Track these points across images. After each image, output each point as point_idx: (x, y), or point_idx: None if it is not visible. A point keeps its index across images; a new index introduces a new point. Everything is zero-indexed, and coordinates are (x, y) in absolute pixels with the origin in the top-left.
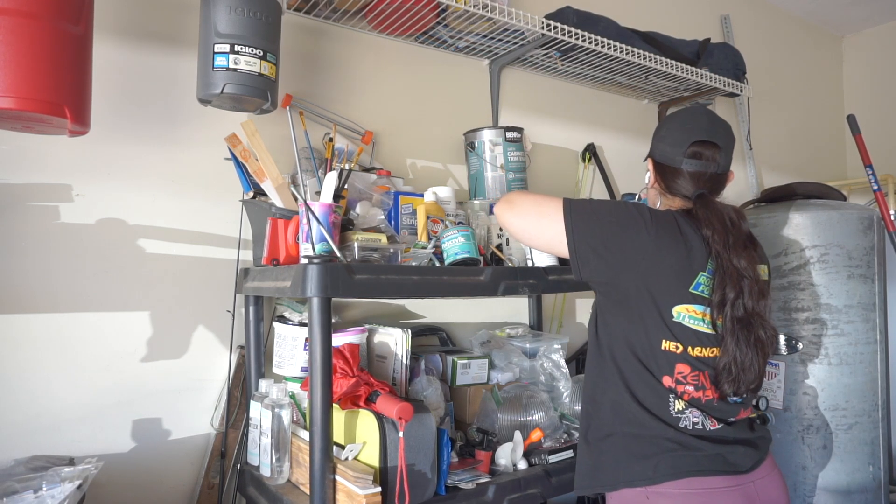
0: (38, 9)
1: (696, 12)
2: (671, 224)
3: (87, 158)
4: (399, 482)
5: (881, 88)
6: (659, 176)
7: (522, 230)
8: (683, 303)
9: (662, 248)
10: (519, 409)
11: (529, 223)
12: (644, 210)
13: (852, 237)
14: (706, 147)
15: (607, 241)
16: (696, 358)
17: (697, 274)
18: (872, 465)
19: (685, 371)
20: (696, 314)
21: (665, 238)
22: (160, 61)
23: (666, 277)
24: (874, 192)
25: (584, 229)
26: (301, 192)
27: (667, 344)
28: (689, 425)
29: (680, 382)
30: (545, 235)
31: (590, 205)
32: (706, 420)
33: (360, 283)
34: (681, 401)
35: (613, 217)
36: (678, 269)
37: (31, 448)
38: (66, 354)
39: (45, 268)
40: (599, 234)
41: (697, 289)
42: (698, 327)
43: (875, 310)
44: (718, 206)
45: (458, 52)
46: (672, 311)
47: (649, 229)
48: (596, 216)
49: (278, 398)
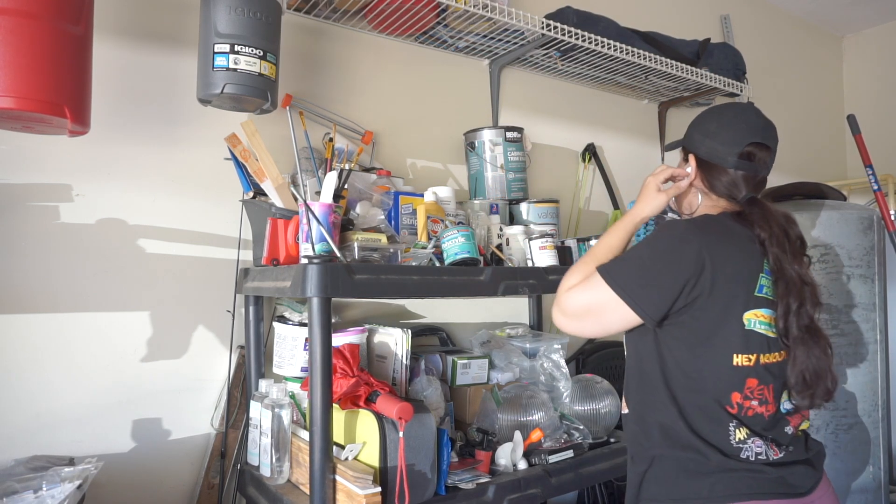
0: (38, 9)
1: (696, 12)
2: (719, 230)
3: (87, 158)
4: (399, 482)
5: (881, 88)
6: (704, 174)
7: (590, 333)
8: (751, 308)
9: (718, 258)
10: (519, 409)
11: (590, 324)
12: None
13: (852, 237)
14: (760, 149)
15: (661, 277)
16: (764, 367)
17: (758, 276)
18: (872, 465)
19: (753, 385)
20: (764, 318)
21: (717, 247)
22: (160, 61)
23: (730, 287)
24: (874, 192)
25: (635, 284)
26: (301, 192)
27: (738, 358)
28: (752, 456)
29: (747, 398)
30: (612, 324)
31: (628, 261)
32: (769, 449)
33: (360, 283)
34: (742, 428)
35: (656, 253)
36: (739, 276)
37: (31, 448)
38: (66, 354)
39: (45, 268)
40: (651, 275)
41: (761, 291)
42: (768, 332)
43: (875, 310)
44: (773, 211)
45: (458, 52)
46: (743, 319)
47: (700, 246)
48: (636, 261)
49: (278, 398)
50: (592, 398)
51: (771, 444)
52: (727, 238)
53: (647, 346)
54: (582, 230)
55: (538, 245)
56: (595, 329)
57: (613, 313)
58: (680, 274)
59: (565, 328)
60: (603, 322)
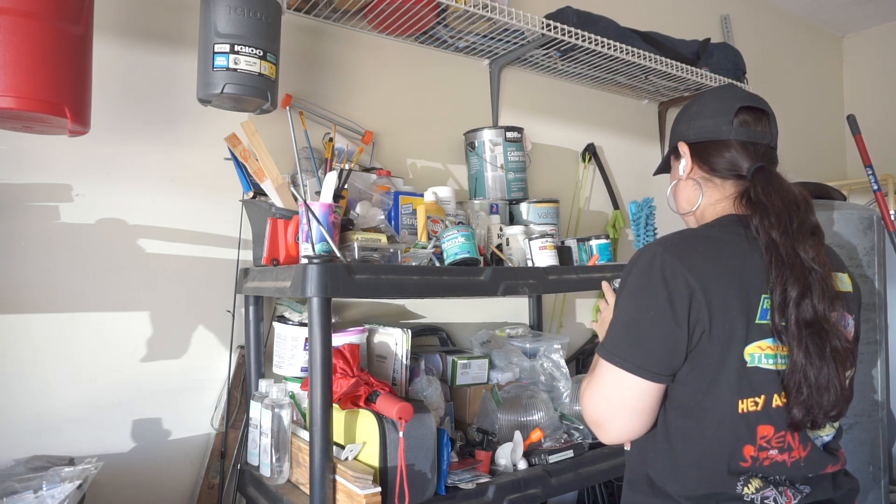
0: (38, 9)
1: (696, 12)
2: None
3: (87, 158)
4: (399, 482)
5: (881, 88)
6: (699, 159)
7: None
8: (752, 340)
9: (708, 286)
10: (519, 409)
11: (625, 417)
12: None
13: (852, 237)
14: (755, 115)
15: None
16: (777, 409)
17: (760, 298)
18: (872, 465)
19: (769, 434)
20: (770, 350)
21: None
22: (160, 61)
23: (726, 318)
24: (874, 192)
25: (628, 346)
26: (301, 192)
27: (744, 404)
28: (758, 500)
29: (763, 449)
30: (636, 400)
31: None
32: (780, 496)
33: (360, 283)
34: (755, 479)
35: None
36: (734, 303)
37: (31, 448)
38: (66, 354)
39: (46, 268)
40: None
41: (765, 317)
42: (777, 366)
43: (875, 310)
44: (783, 182)
45: (458, 52)
46: (744, 355)
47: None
48: (627, 322)
49: (278, 398)
50: None
51: (785, 491)
52: (717, 257)
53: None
54: (582, 230)
55: (538, 245)
56: (633, 420)
57: (635, 392)
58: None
59: (609, 438)
60: (634, 406)
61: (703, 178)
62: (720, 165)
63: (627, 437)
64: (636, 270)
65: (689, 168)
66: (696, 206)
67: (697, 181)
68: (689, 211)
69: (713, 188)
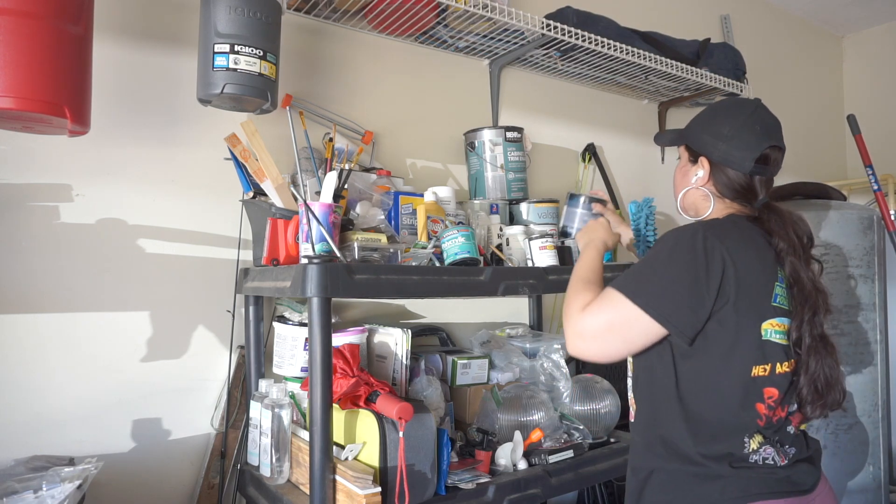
0: (38, 9)
1: (696, 12)
2: (737, 235)
3: (87, 158)
4: (399, 482)
5: (881, 88)
6: (716, 178)
7: (616, 356)
8: (768, 317)
9: (740, 266)
10: (519, 409)
11: (616, 346)
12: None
13: (852, 237)
14: (775, 151)
15: (690, 287)
16: (780, 376)
17: (773, 285)
18: (872, 465)
19: (774, 395)
20: (779, 327)
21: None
22: (160, 61)
23: (750, 296)
24: (874, 192)
25: (654, 293)
26: (301, 192)
27: (757, 369)
28: (760, 461)
29: (771, 408)
30: (637, 342)
31: (642, 270)
32: (777, 455)
33: (360, 283)
34: (756, 437)
35: (675, 262)
36: (758, 285)
37: (31, 448)
38: (67, 354)
39: (46, 268)
40: (674, 286)
41: (776, 300)
42: (782, 341)
43: (875, 310)
44: (788, 216)
45: (458, 52)
46: (761, 329)
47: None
48: (660, 274)
49: (278, 398)
50: (592, 398)
51: (779, 451)
52: (745, 244)
53: (661, 358)
54: None
55: (538, 245)
56: (619, 347)
57: (638, 329)
58: (711, 283)
59: (586, 352)
60: (628, 339)
61: (714, 193)
62: (732, 192)
63: (602, 360)
64: (676, 241)
65: (704, 181)
66: (702, 215)
67: (708, 192)
68: (696, 218)
69: (721, 202)
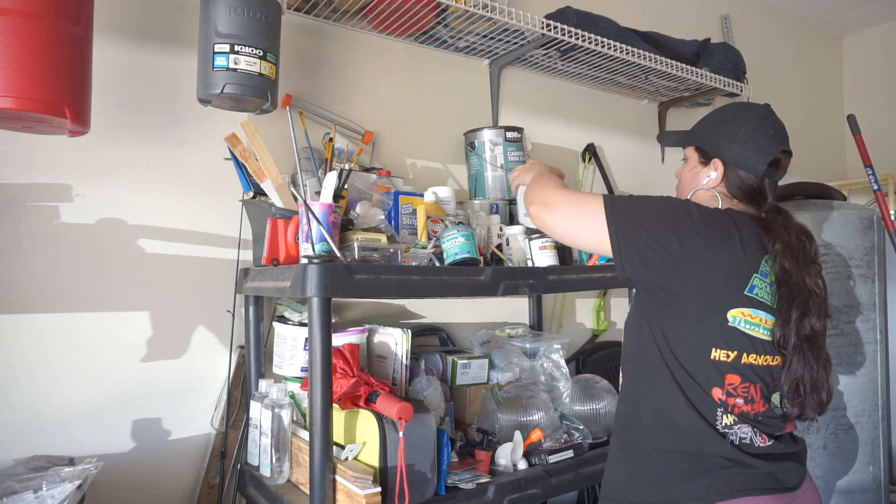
0: (38, 9)
1: (696, 12)
2: (723, 222)
3: (87, 158)
4: (399, 482)
5: (881, 88)
6: (728, 180)
7: (563, 231)
8: (739, 306)
9: (713, 249)
10: (519, 409)
11: (570, 224)
12: (692, 207)
13: (852, 237)
14: (786, 156)
15: (653, 242)
16: (748, 366)
17: (751, 276)
18: (872, 465)
19: (735, 382)
20: (753, 319)
21: (716, 238)
22: (160, 61)
23: (718, 280)
24: (874, 192)
25: (628, 230)
26: (301, 192)
27: (716, 353)
28: (737, 440)
29: (731, 395)
30: (586, 235)
31: (632, 203)
32: (756, 436)
33: (360, 283)
34: (730, 415)
35: (659, 216)
36: (731, 271)
37: (31, 448)
38: (66, 354)
39: (45, 268)
40: (644, 235)
41: (752, 291)
42: (755, 333)
43: (875, 310)
44: (795, 223)
45: (458, 52)
46: (727, 315)
47: (699, 228)
48: (640, 215)
49: (278, 398)
50: (592, 398)
51: (759, 433)
52: (728, 227)
53: (644, 327)
54: None
55: (538, 245)
56: (568, 227)
57: (593, 228)
58: (669, 243)
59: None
60: (579, 227)
61: (724, 194)
62: (743, 194)
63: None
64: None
65: (716, 183)
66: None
67: (716, 194)
68: None
69: (729, 203)
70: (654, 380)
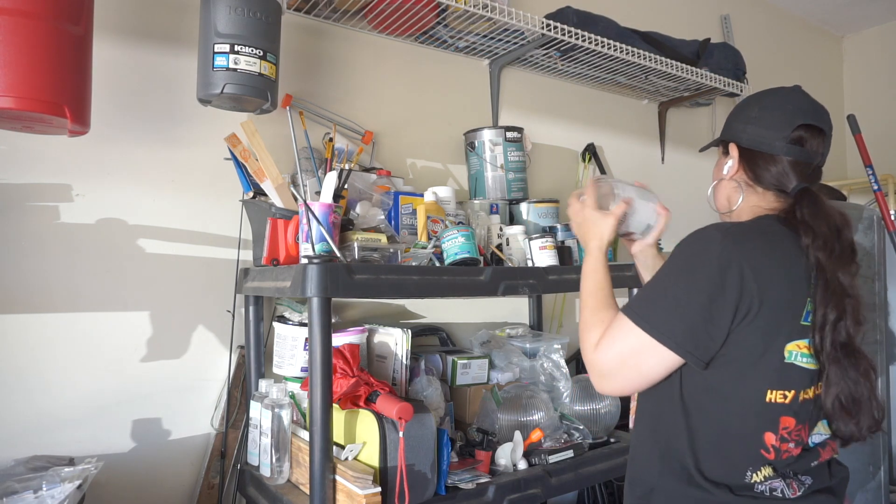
0: (38, 9)
1: (696, 12)
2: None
3: (87, 158)
4: (399, 482)
5: (881, 88)
6: (746, 165)
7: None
8: (794, 338)
9: (762, 280)
10: (519, 409)
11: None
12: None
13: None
14: (812, 133)
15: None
16: (801, 404)
17: (805, 301)
18: (872, 465)
19: (790, 426)
20: (808, 350)
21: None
22: (160, 61)
23: (773, 313)
24: (874, 192)
25: (666, 318)
26: (301, 192)
27: (772, 395)
28: (767, 492)
29: (784, 440)
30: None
31: (653, 290)
32: (787, 488)
33: (360, 283)
34: (766, 468)
35: (688, 282)
36: (784, 301)
37: (31, 448)
38: (66, 354)
39: (45, 268)
40: (687, 310)
41: (808, 319)
42: (810, 365)
43: (875, 310)
44: (827, 208)
45: (458, 52)
46: (784, 351)
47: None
48: (670, 296)
49: (278, 398)
50: (592, 398)
51: (791, 483)
52: (771, 252)
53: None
54: None
55: (538, 245)
56: (636, 381)
57: (651, 359)
58: (728, 302)
59: (607, 390)
60: (643, 371)
61: (746, 182)
62: (765, 178)
63: (623, 393)
64: (690, 252)
65: (734, 170)
66: (734, 208)
67: (740, 183)
68: (728, 211)
69: (754, 194)
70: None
